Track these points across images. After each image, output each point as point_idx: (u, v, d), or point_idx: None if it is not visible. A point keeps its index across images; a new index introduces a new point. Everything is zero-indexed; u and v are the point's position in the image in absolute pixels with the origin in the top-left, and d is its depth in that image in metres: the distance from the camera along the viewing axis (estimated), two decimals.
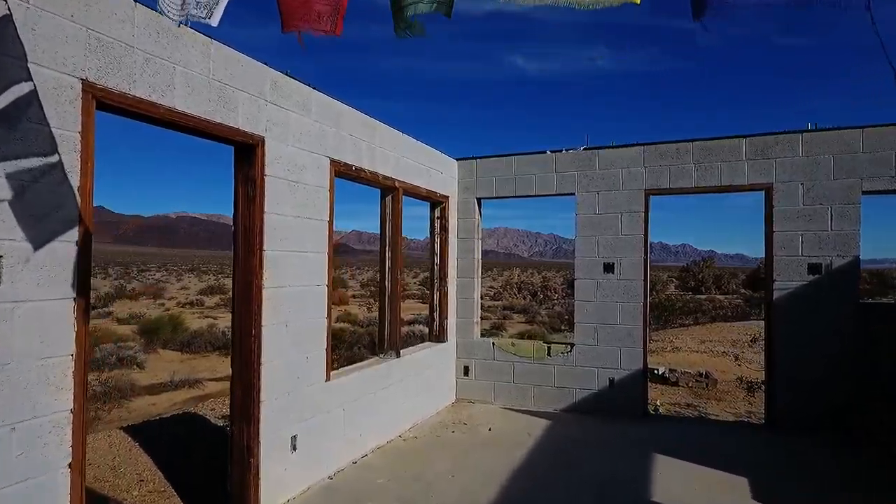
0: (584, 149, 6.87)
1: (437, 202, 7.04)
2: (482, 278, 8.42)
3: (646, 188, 6.53)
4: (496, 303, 38.43)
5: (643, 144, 6.58)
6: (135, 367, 15.45)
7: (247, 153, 3.92)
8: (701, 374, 10.09)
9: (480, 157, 7.37)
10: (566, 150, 6.96)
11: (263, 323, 3.92)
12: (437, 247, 7.08)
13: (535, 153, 7.10)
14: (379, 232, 6.01)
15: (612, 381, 6.58)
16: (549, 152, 7.04)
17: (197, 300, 34.82)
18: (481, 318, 7.55)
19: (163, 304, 34.16)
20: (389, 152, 5.73)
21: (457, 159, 7.47)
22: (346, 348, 17.81)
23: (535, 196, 7.12)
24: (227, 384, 14.43)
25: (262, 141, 3.94)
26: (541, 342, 7.06)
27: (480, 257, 7.54)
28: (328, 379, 4.69)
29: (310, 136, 4.48)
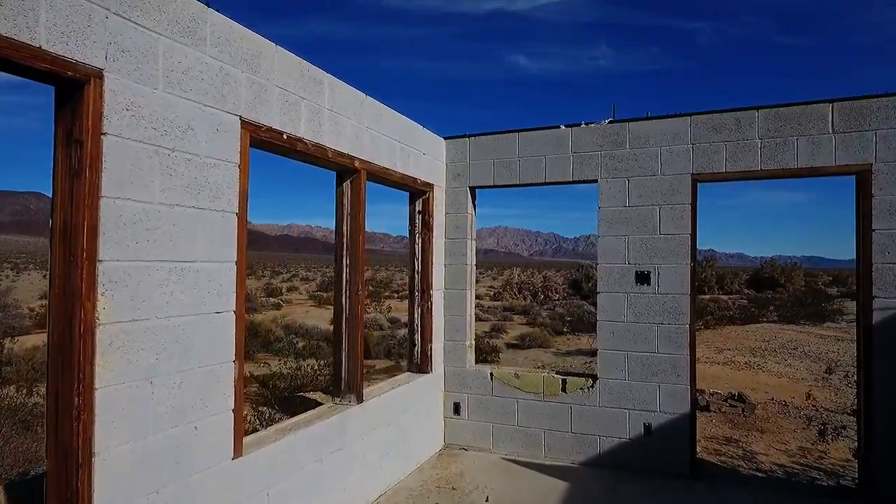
0: (610, 122, 5.26)
1: (417, 192, 5.42)
2: (479, 282, 6.73)
3: (693, 172, 4.92)
4: (496, 303, 37.25)
5: (690, 115, 4.97)
6: None
7: (69, 96, 2.30)
8: (734, 397, 8.53)
9: (475, 135, 5.76)
10: (586, 125, 5.34)
11: (99, 384, 2.31)
12: (417, 249, 5.47)
13: (545, 128, 5.48)
14: (337, 227, 4.39)
15: (648, 427, 4.98)
16: (563, 127, 5.42)
17: None
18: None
19: None
20: (346, 119, 4.11)
21: (445, 138, 5.86)
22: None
23: (545, 184, 5.51)
24: None
25: (99, 76, 2.32)
26: (553, 374, 5.44)
27: (475, 262, 5.93)
28: (239, 454, 3.08)
29: (201, 79, 2.86)
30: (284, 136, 3.44)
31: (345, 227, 4.29)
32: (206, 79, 2.88)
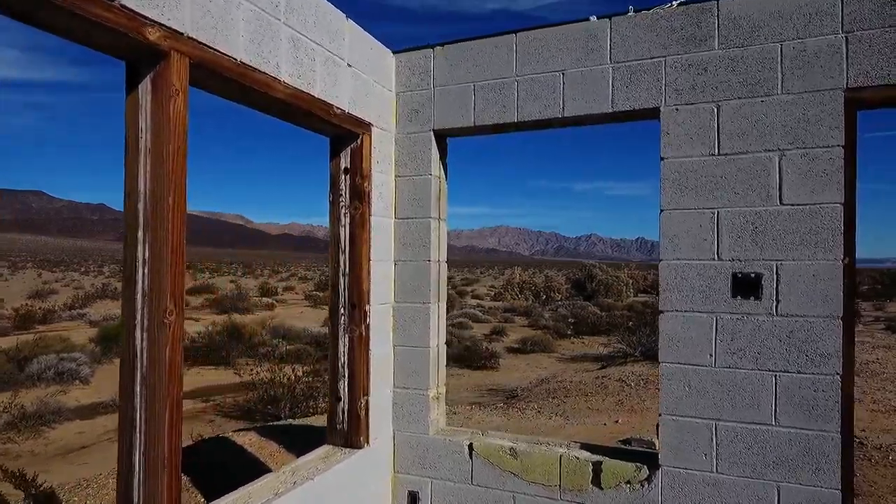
0: (680, 4, 2.93)
1: (342, 135, 3.09)
2: (479, 281, 4.36)
3: (848, 86, 2.58)
4: (497, 304, 35.78)
5: None
6: (76, 382, 12.98)
7: None
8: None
9: (445, 44, 3.42)
10: (635, 12, 3.01)
11: None
12: (343, 235, 3.15)
13: (561, 25, 3.16)
14: (128, 179, 2.06)
15: None
16: (594, 19, 3.09)
17: None
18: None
19: None
20: None
21: (395, 52, 3.53)
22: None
23: (563, 123, 3.18)
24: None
25: None
26: (577, 451, 3.10)
27: (445, 258, 3.60)
28: None
29: None
30: None
31: (141, 179, 1.96)
32: None
